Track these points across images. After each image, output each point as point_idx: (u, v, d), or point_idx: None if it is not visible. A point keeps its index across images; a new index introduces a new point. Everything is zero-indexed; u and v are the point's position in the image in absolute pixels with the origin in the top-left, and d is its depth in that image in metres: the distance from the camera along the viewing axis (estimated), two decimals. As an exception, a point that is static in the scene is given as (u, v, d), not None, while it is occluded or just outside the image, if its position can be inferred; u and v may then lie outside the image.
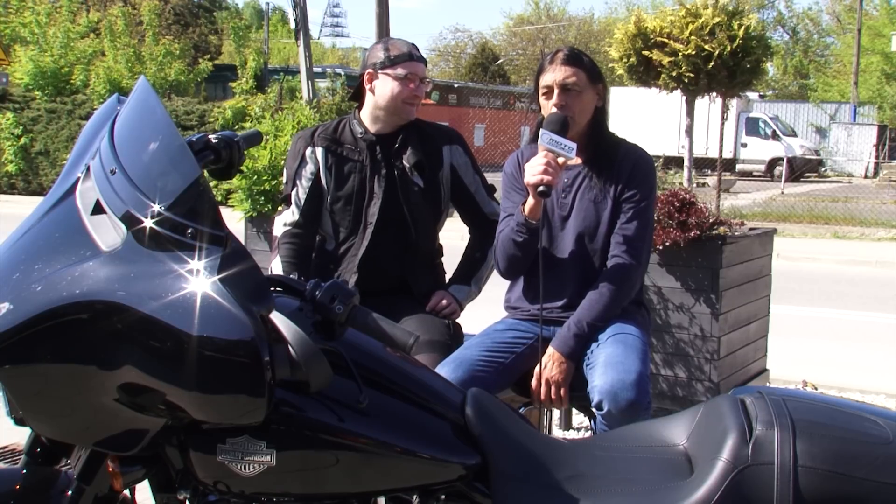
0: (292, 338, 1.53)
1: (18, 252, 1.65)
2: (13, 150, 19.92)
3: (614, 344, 2.64)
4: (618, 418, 2.47)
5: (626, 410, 2.45)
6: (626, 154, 2.85)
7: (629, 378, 2.48)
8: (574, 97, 2.75)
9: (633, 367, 2.53)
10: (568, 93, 2.75)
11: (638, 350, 2.62)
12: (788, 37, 49.28)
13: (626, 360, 2.56)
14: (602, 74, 2.85)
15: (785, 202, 17.75)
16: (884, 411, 1.74)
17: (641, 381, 2.50)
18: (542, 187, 2.56)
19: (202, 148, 1.92)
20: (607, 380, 2.50)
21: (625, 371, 2.51)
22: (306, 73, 15.67)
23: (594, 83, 2.81)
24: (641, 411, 2.47)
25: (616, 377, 2.49)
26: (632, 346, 2.62)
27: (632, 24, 6.47)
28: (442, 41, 56.01)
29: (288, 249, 3.08)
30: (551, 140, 2.59)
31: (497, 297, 3.02)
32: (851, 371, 5.96)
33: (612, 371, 2.51)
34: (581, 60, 2.79)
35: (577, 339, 2.70)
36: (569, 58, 2.78)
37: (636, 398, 2.46)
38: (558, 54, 2.81)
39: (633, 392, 2.46)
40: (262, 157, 4.85)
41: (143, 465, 1.70)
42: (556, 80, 2.75)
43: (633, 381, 2.48)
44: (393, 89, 3.01)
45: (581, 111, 2.77)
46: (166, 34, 24.72)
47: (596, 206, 2.80)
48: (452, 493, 1.72)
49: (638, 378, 2.49)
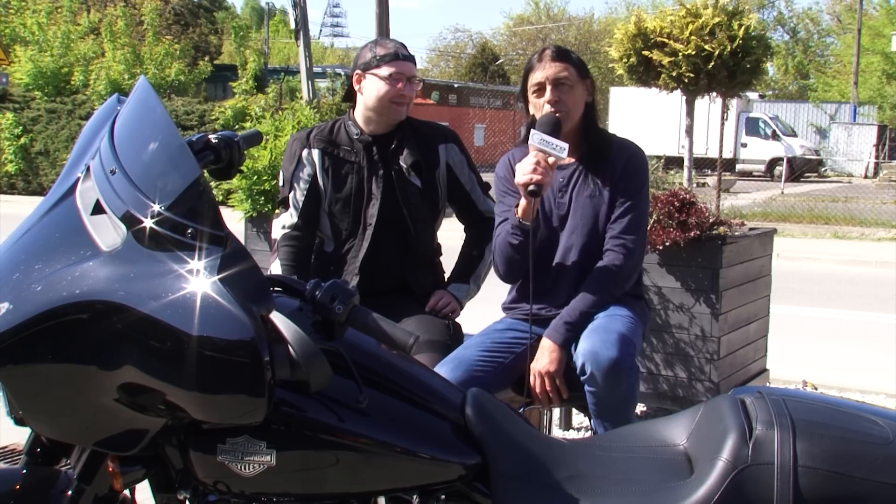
0: (292, 338, 1.53)
1: (18, 252, 1.65)
2: (13, 150, 19.92)
3: (601, 317, 2.66)
4: (601, 383, 2.47)
5: (609, 371, 2.45)
6: (619, 149, 2.86)
7: (609, 337, 2.50)
8: (567, 92, 2.77)
9: (615, 328, 2.54)
10: (561, 88, 2.77)
11: (624, 319, 2.63)
12: (788, 37, 49.29)
13: (610, 325, 2.58)
14: (588, 70, 2.89)
15: (785, 202, 17.75)
16: (884, 411, 1.74)
17: (623, 341, 2.50)
18: (533, 187, 2.56)
19: (202, 148, 1.92)
20: (589, 342, 2.52)
21: (606, 332, 2.53)
22: (306, 73, 15.69)
23: (583, 78, 2.84)
24: (625, 372, 2.47)
25: (597, 338, 2.52)
26: (618, 318, 2.64)
27: (632, 24, 6.47)
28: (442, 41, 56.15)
29: (287, 252, 3.08)
30: (542, 140, 2.59)
31: (497, 296, 3.02)
32: (851, 371, 5.96)
33: (594, 335, 2.54)
34: (569, 56, 2.83)
35: (568, 328, 2.70)
36: (557, 54, 2.81)
37: (618, 356, 2.45)
38: (546, 52, 2.83)
39: (615, 350, 2.46)
40: (262, 157, 4.86)
41: (143, 465, 1.70)
42: (547, 76, 2.77)
43: (614, 340, 2.49)
44: (379, 89, 3.01)
45: (574, 106, 2.80)
46: (166, 34, 24.69)
47: (593, 204, 2.81)
48: (452, 493, 1.72)
49: (619, 337, 2.50)
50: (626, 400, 2.55)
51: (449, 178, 3.16)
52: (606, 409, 2.57)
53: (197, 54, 28.52)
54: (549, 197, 2.85)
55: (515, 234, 2.72)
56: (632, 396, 2.57)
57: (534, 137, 2.61)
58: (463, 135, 3.36)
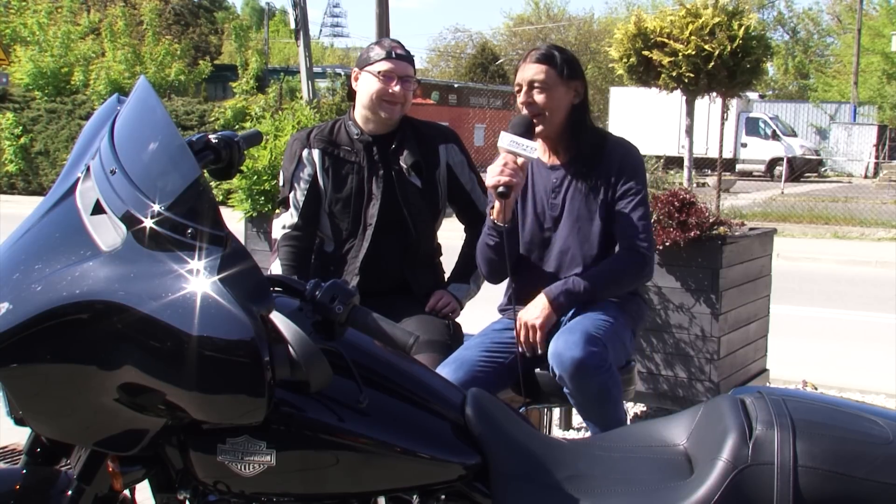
0: (292, 338, 1.53)
1: (18, 252, 1.65)
2: (13, 150, 19.92)
3: (577, 318, 2.64)
4: (570, 384, 2.46)
5: (574, 372, 2.44)
6: (613, 147, 2.85)
7: (573, 338, 2.48)
8: (539, 94, 2.77)
9: (579, 328, 2.52)
10: (534, 90, 2.78)
11: (594, 319, 2.60)
12: (788, 37, 49.28)
13: (577, 325, 2.56)
14: (580, 71, 2.85)
15: (785, 202, 17.75)
16: (884, 411, 1.74)
17: (588, 340, 2.47)
18: (502, 188, 2.58)
19: (202, 148, 1.92)
20: (554, 344, 2.52)
21: (570, 333, 2.51)
22: (306, 73, 15.70)
23: (568, 80, 2.80)
24: (591, 371, 2.44)
25: (562, 339, 2.51)
26: (588, 317, 2.62)
27: (632, 24, 6.47)
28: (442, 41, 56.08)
29: (287, 252, 3.08)
30: (511, 141, 2.61)
31: (497, 296, 3.02)
32: (851, 371, 5.96)
33: (560, 336, 2.54)
34: (552, 58, 2.80)
35: (567, 294, 2.69)
36: (540, 56, 2.80)
37: (581, 356, 2.43)
38: (532, 52, 2.85)
39: (578, 350, 2.44)
40: (262, 157, 4.86)
41: (143, 465, 1.70)
42: (524, 77, 2.79)
43: (578, 340, 2.47)
44: (371, 86, 3.00)
45: (552, 108, 2.78)
46: (166, 34, 24.68)
47: (588, 205, 2.80)
48: (452, 493, 1.72)
49: (584, 337, 2.47)
50: (603, 399, 2.51)
51: (449, 179, 3.16)
52: (585, 409, 2.57)
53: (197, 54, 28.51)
54: (542, 198, 2.85)
55: (490, 234, 2.74)
56: (607, 395, 2.51)
57: (503, 139, 2.63)
58: (463, 135, 3.36)
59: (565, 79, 2.80)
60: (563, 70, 2.79)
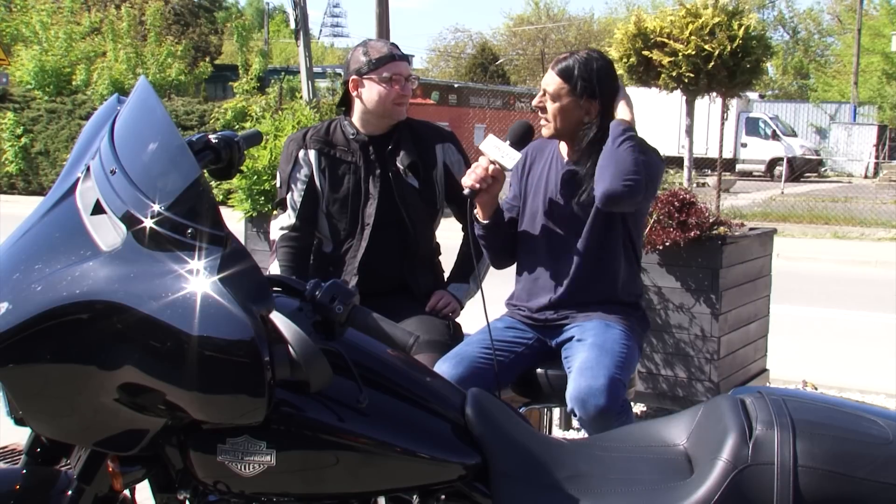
0: (292, 338, 1.53)
1: (18, 252, 1.65)
2: (13, 150, 19.90)
3: (591, 349, 2.62)
4: (591, 425, 2.46)
5: (597, 417, 2.44)
6: None
7: (597, 384, 2.47)
8: (549, 102, 2.79)
9: (603, 372, 2.51)
10: (545, 96, 2.80)
11: (614, 354, 2.60)
12: (789, 37, 49.28)
13: (598, 364, 2.54)
14: (598, 92, 2.76)
15: (785, 202, 17.74)
16: (884, 411, 1.74)
17: (612, 385, 2.47)
18: (467, 190, 2.65)
19: (202, 148, 1.92)
20: (576, 386, 2.50)
21: (593, 377, 2.49)
22: (306, 73, 15.70)
23: (580, 97, 2.76)
24: (613, 417, 2.44)
25: (584, 384, 2.49)
26: (608, 351, 2.60)
27: (632, 24, 6.46)
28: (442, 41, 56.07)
29: (285, 253, 3.08)
30: (492, 146, 2.66)
31: (496, 296, 3.02)
32: (851, 371, 5.95)
33: (581, 378, 2.51)
34: (569, 72, 2.76)
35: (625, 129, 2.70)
36: (560, 68, 2.79)
37: (606, 404, 2.44)
38: (557, 60, 2.85)
39: (603, 398, 2.44)
40: (262, 157, 4.86)
41: (143, 465, 1.70)
42: (543, 81, 2.84)
43: (602, 387, 2.46)
44: (380, 93, 3.00)
45: (560, 118, 2.79)
46: (167, 34, 24.68)
47: (587, 206, 2.79)
48: (452, 493, 1.72)
49: (608, 383, 2.47)
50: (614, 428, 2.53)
51: (446, 178, 3.15)
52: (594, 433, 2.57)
53: (197, 54, 28.51)
54: (553, 196, 2.85)
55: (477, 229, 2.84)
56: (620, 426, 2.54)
57: (486, 142, 2.67)
58: (463, 135, 3.37)
59: (577, 95, 2.76)
60: (577, 86, 2.75)
